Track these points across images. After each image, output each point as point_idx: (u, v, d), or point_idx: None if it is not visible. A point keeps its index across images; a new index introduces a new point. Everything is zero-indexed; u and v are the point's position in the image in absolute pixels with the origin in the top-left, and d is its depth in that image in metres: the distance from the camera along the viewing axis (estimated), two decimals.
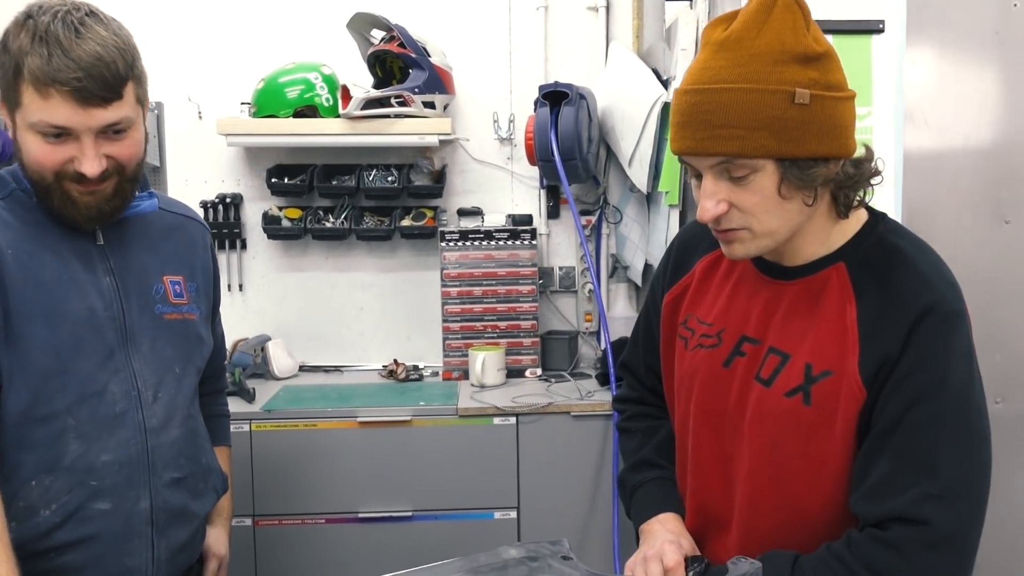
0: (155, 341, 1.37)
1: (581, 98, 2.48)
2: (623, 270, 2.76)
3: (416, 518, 2.23)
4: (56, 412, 1.25)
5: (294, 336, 2.76)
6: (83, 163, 1.22)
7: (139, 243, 1.41)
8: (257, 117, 2.55)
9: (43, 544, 1.24)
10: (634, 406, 1.50)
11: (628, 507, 1.44)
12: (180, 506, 1.39)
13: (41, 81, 1.17)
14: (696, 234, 1.33)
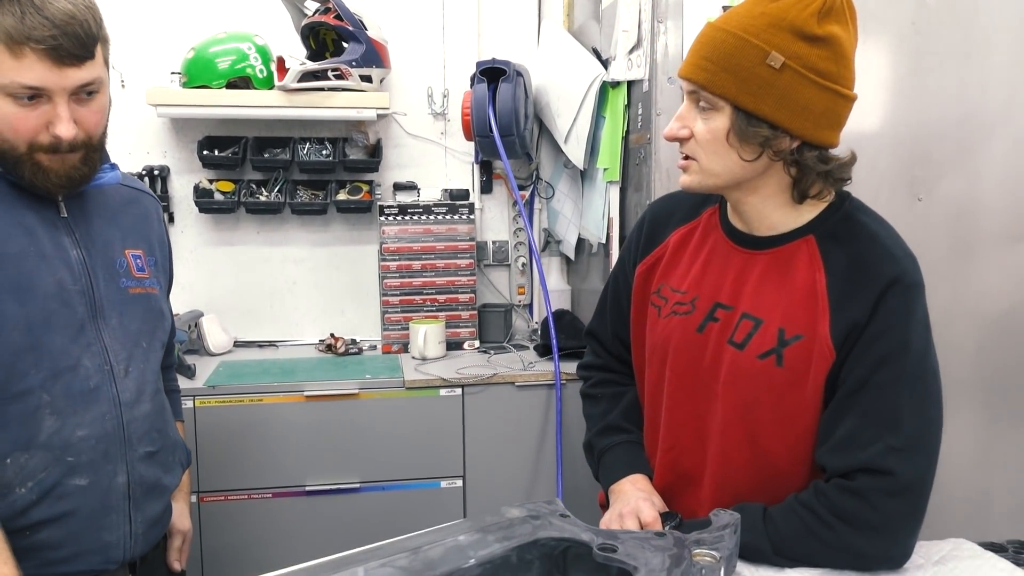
0: (123, 315, 1.36)
1: (518, 75, 2.52)
2: (555, 244, 2.84)
3: (363, 489, 2.25)
4: (30, 388, 1.23)
5: (226, 311, 2.72)
6: (58, 125, 1.20)
7: (100, 216, 1.39)
8: (188, 87, 2.49)
9: (19, 522, 1.23)
10: (599, 372, 1.57)
11: (596, 470, 1.52)
12: (154, 480, 1.39)
13: (15, 40, 1.14)
14: (667, 209, 1.41)
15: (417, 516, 2.27)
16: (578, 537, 1.07)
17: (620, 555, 1.02)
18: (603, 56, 2.35)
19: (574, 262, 2.82)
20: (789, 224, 1.22)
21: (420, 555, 0.99)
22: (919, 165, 2.10)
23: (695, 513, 1.32)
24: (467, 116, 2.56)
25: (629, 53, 2.17)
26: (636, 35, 2.13)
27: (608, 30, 2.38)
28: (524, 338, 2.79)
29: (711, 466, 1.29)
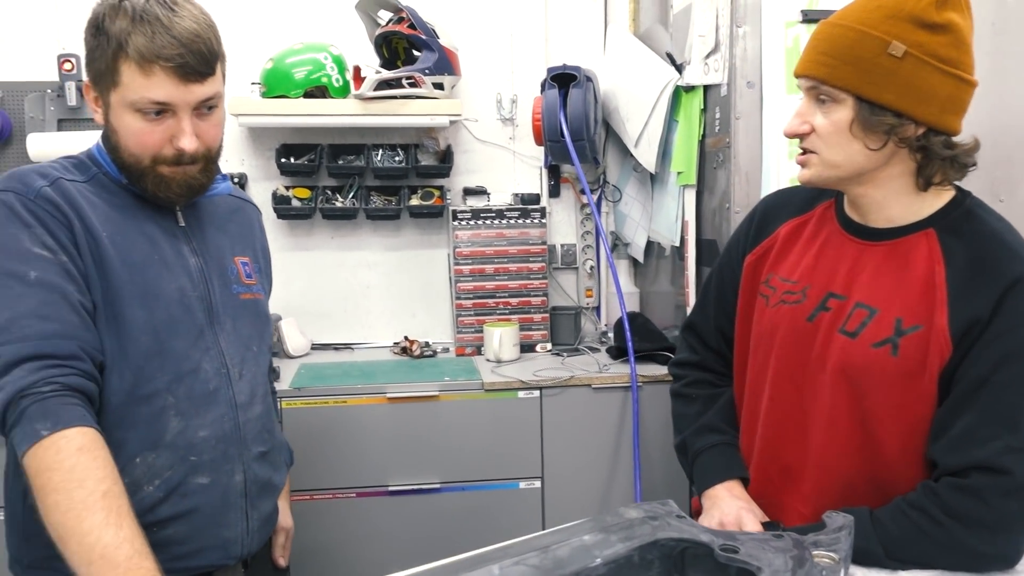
0: (235, 320, 1.42)
1: (588, 80, 2.55)
2: (623, 247, 2.86)
3: (444, 490, 2.30)
4: (157, 390, 1.29)
5: (302, 315, 2.78)
6: (181, 139, 1.27)
7: (212, 225, 1.45)
8: (267, 97, 2.55)
9: (148, 518, 1.28)
10: (694, 371, 1.59)
11: (689, 471, 1.53)
12: (266, 479, 1.44)
13: (146, 58, 1.20)
14: (779, 202, 1.44)
15: (496, 516, 2.31)
16: (697, 538, 1.09)
17: (742, 556, 1.05)
18: (676, 60, 2.37)
19: (642, 265, 2.84)
20: (909, 217, 1.24)
21: (549, 554, 1.03)
22: (1000, 167, 2.09)
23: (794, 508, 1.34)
24: (538, 121, 2.59)
25: (705, 58, 2.19)
26: (713, 40, 2.14)
27: (680, 35, 2.39)
28: (594, 340, 2.81)
29: (814, 458, 1.30)
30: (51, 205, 1.22)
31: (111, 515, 1.10)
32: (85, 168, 1.33)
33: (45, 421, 1.12)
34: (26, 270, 1.18)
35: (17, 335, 1.15)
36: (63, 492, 1.10)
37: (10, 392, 1.13)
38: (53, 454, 1.11)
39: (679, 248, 2.41)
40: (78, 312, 1.21)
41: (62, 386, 1.15)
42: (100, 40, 1.24)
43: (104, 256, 1.25)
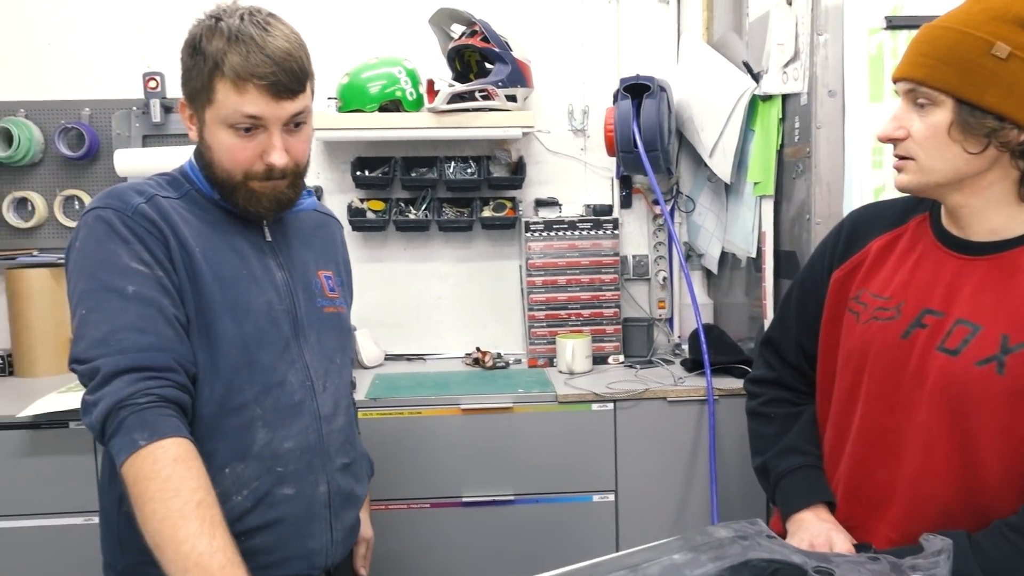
0: (320, 333, 1.44)
1: (661, 90, 2.53)
2: (696, 258, 2.83)
3: (517, 502, 2.29)
4: (245, 402, 1.32)
5: (376, 325, 2.82)
6: (272, 154, 1.29)
7: (297, 239, 1.48)
8: (343, 112, 2.60)
9: (236, 528, 1.30)
10: (771, 389, 1.55)
11: (772, 495, 1.49)
12: (349, 490, 1.46)
13: (241, 76, 1.24)
14: (869, 216, 1.40)
15: (570, 529, 2.30)
16: (789, 559, 1.07)
17: None
18: (753, 69, 2.34)
19: (716, 276, 2.80)
20: (1013, 229, 1.20)
21: (639, 572, 1.01)
22: None
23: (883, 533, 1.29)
24: (610, 132, 2.58)
25: (784, 66, 2.15)
26: (792, 48, 2.11)
27: (757, 43, 2.36)
28: (667, 352, 2.78)
29: (906, 479, 1.26)
30: (148, 221, 1.26)
31: (205, 524, 1.12)
32: (178, 185, 1.37)
33: (143, 432, 1.15)
34: (124, 284, 1.22)
35: (116, 348, 1.19)
36: (159, 501, 1.12)
37: (109, 403, 1.16)
38: (150, 464, 1.14)
39: (755, 259, 2.37)
40: (173, 325, 1.24)
41: (158, 397, 1.18)
42: (196, 60, 1.27)
43: (197, 271, 1.29)
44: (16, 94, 2.72)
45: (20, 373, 2.64)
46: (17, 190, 2.71)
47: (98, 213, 1.26)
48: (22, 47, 2.72)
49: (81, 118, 2.71)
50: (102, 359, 1.18)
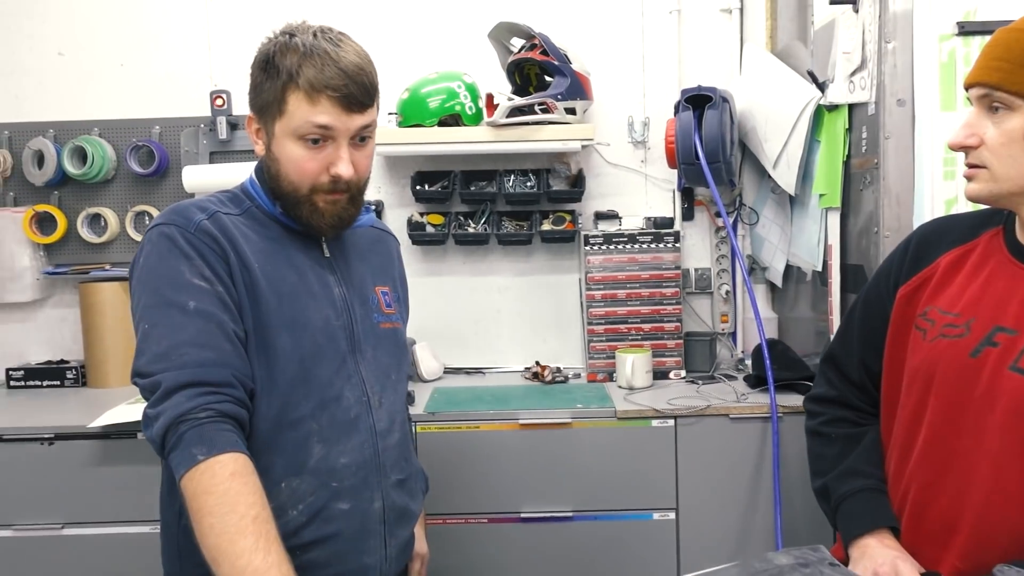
0: (376, 349, 1.44)
1: (724, 101, 2.49)
2: (760, 271, 2.77)
3: (576, 518, 2.27)
4: (302, 417, 1.33)
5: (435, 339, 2.82)
6: (339, 164, 1.32)
7: (355, 255, 1.49)
8: (403, 127, 2.62)
9: (292, 542, 1.31)
10: (833, 408, 1.50)
11: (832, 519, 1.44)
12: (403, 506, 1.46)
13: (315, 88, 1.27)
14: (938, 230, 1.35)
15: (630, 547, 2.26)
16: None
17: None
18: (818, 78, 2.28)
19: (781, 290, 2.74)
20: None
21: None
22: None
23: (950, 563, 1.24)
24: (671, 144, 2.55)
25: (851, 75, 2.10)
26: (859, 56, 2.05)
27: (822, 51, 2.30)
28: (730, 368, 2.73)
29: (975, 506, 1.20)
30: (209, 238, 1.28)
31: (260, 539, 1.13)
32: (239, 201, 1.39)
33: (201, 446, 1.17)
34: (186, 300, 1.24)
35: (177, 363, 1.21)
36: (217, 515, 1.14)
37: (169, 417, 1.18)
38: (208, 478, 1.16)
39: (821, 273, 2.31)
40: (232, 341, 1.26)
41: (216, 412, 1.20)
42: (270, 73, 1.30)
43: (256, 286, 1.30)
44: (91, 113, 2.82)
45: (93, 384, 2.72)
46: (91, 206, 2.80)
47: (161, 230, 1.28)
48: (97, 68, 2.82)
49: (152, 136, 2.79)
50: (163, 374, 1.20)
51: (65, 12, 2.81)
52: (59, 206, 2.80)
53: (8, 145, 2.81)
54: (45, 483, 2.25)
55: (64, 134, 2.79)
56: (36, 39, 2.82)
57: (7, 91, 2.83)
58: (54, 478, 2.25)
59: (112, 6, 2.80)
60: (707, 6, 2.80)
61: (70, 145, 2.73)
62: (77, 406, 2.46)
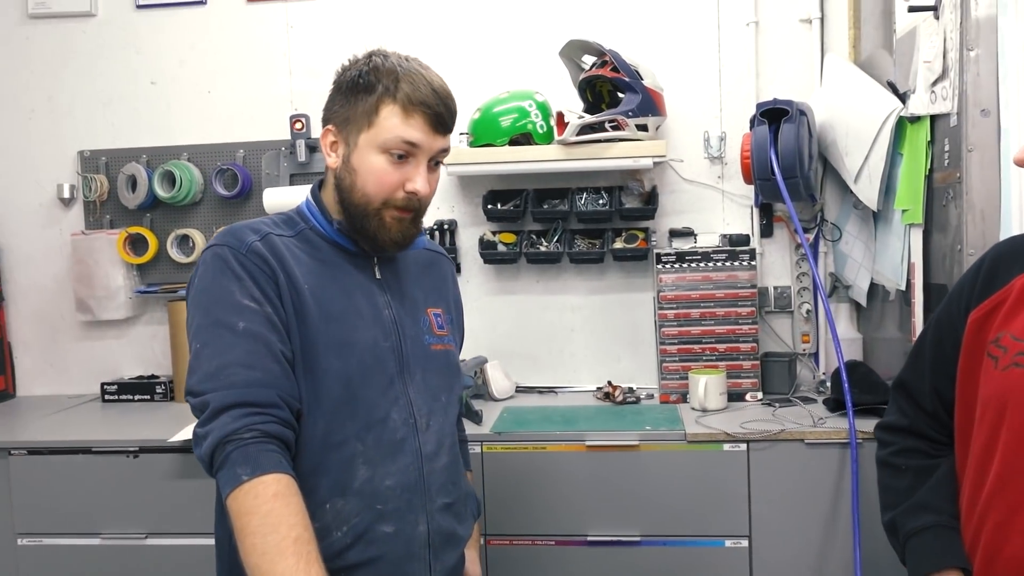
0: (425, 371, 1.44)
1: (801, 114, 2.41)
2: (844, 289, 2.66)
3: (644, 543, 2.22)
4: (346, 438, 1.33)
5: (508, 357, 2.82)
6: (416, 181, 1.35)
7: (407, 277, 1.50)
8: (474, 146, 2.63)
9: (337, 563, 1.32)
10: (904, 438, 1.43)
11: (901, 555, 1.38)
12: (450, 530, 1.45)
13: (412, 102, 1.32)
14: (1012, 250, 1.27)
15: (701, 575, 2.20)
16: None
17: None
18: (899, 89, 2.18)
19: (866, 309, 2.63)
20: None
21: None
22: None
23: None
24: (747, 159, 2.48)
25: (932, 85, 2.00)
26: (940, 65, 1.95)
27: (904, 60, 2.21)
28: (810, 390, 2.63)
29: None
30: (260, 259, 1.31)
31: (301, 560, 1.15)
32: (293, 224, 1.42)
33: (246, 466, 1.19)
34: (236, 320, 1.27)
35: (225, 382, 1.24)
36: (259, 536, 1.16)
37: (217, 437, 1.21)
38: (252, 499, 1.18)
39: (905, 292, 2.20)
40: (279, 361, 1.28)
41: (261, 433, 1.22)
42: (362, 86, 1.34)
43: (304, 307, 1.32)
44: (180, 139, 2.94)
45: (180, 399, 2.82)
46: (179, 228, 2.91)
47: (215, 251, 1.32)
48: (186, 96, 2.94)
49: (236, 159, 2.89)
50: (211, 393, 1.23)
51: (157, 44, 2.95)
52: (151, 228, 2.93)
53: (105, 171, 2.96)
54: (130, 494, 2.35)
55: (156, 159, 2.92)
56: (131, 70, 2.96)
57: (105, 120, 2.98)
58: (139, 489, 2.34)
59: (201, 37, 2.92)
60: (785, 17, 2.73)
61: (160, 170, 2.86)
62: (163, 420, 2.55)
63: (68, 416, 2.70)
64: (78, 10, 2.95)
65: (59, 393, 3.02)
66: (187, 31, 2.93)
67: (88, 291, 2.92)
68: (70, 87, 2.99)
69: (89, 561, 2.37)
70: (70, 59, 2.98)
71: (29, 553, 2.39)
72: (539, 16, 2.80)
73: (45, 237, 3.02)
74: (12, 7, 2.99)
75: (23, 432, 2.53)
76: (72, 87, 2.99)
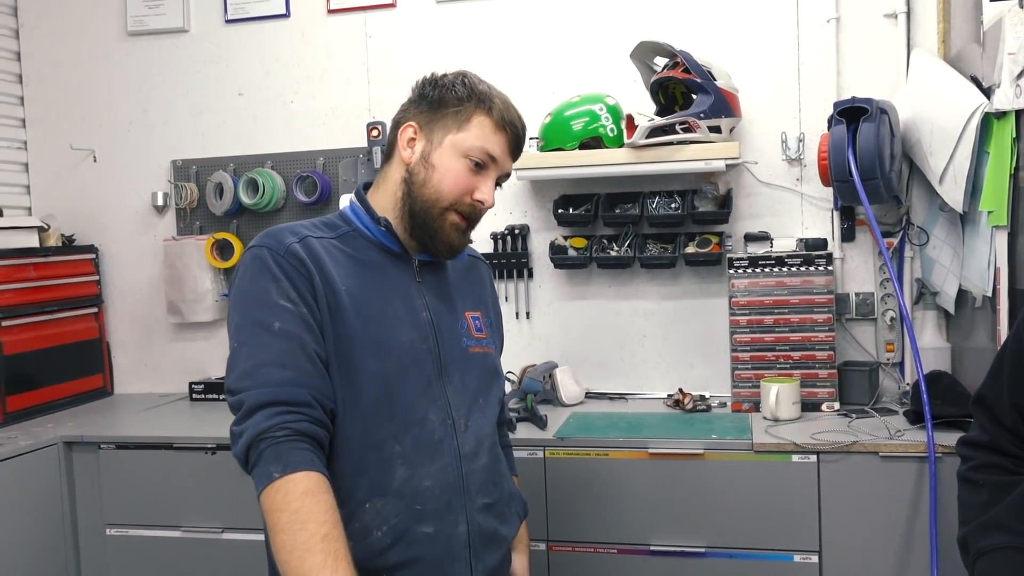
0: (464, 373, 1.45)
1: (882, 112, 2.30)
2: (931, 296, 2.52)
3: (709, 555, 2.16)
4: (384, 439, 1.35)
5: (578, 363, 2.80)
6: (484, 190, 1.42)
7: (446, 281, 1.52)
8: (544, 151, 2.63)
9: (377, 563, 1.34)
10: (984, 454, 1.36)
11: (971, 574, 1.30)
12: (491, 530, 1.44)
13: (505, 120, 1.42)
14: None
15: None
16: None
17: None
18: (985, 84, 2.06)
19: (955, 317, 2.49)
20: None
21: None
22: None
23: None
24: (824, 160, 2.39)
25: (1017, 78, 1.88)
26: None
27: (991, 53, 2.09)
28: (893, 401, 2.51)
29: None
30: (296, 260, 1.34)
31: (328, 558, 1.16)
32: (334, 227, 1.45)
33: (277, 464, 1.22)
34: (272, 320, 1.30)
35: (259, 381, 1.27)
36: (288, 533, 1.18)
37: (251, 435, 1.24)
38: (282, 496, 1.20)
39: (992, 299, 2.08)
40: (313, 361, 1.30)
41: (293, 431, 1.25)
42: (458, 92, 1.42)
43: (340, 308, 1.35)
44: (265, 148, 3.05)
45: None
46: None
47: (255, 252, 1.36)
48: (270, 106, 3.05)
49: (315, 167, 2.98)
50: (246, 392, 1.27)
51: (244, 56, 3.06)
52: (236, 234, 3.05)
53: (195, 179, 3.10)
54: (208, 489, 2.44)
55: (241, 167, 3.04)
56: (220, 82, 3.09)
57: (196, 130, 3.12)
58: (216, 485, 2.43)
59: (284, 48, 3.02)
60: (869, 12, 2.61)
61: (244, 177, 2.97)
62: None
63: (157, 413, 2.84)
64: (172, 27, 3.10)
65: (152, 391, 3.17)
66: (271, 43, 3.04)
67: (178, 294, 3.06)
68: (164, 99, 3.14)
69: (171, 553, 2.48)
70: (165, 73, 3.14)
71: (117, 543, 2.52)
72: (611, 18, 2.77)
73: (141, 242, 3.18)
74: (113, 26, 3.16)
75: (114, 428, 2.67)
76: (166, 99, 3.14)
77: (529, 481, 2.22)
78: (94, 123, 3.21)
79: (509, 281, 2.86)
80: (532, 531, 2.22)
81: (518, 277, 2.86)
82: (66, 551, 2.56)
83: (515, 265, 2.85)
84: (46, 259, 2.97)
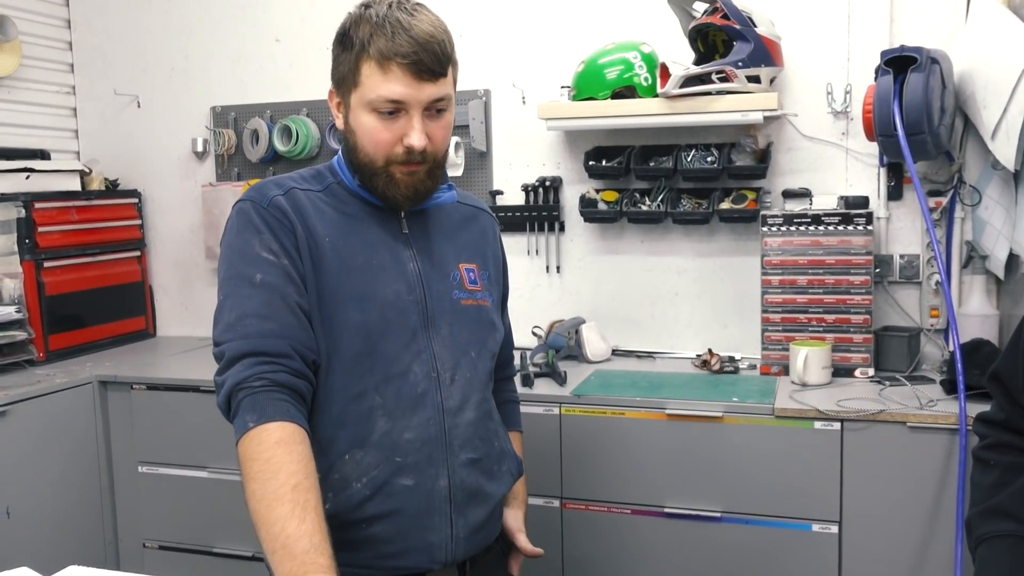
0: (452, 325, 1.42)
1: (933, 62, 2.16)
2: (980, 260, 2.38)
3: (725, 519, 2.11)
4: (365, 390, 1.34)
5: (608, 319, 2.75)
6: (411, 135, 1.32)
7: (438, 232, 1.47)
8: (576, 100, 2.55)
9: (356, 514, 1.33)
10: (999, 432, 1.28)
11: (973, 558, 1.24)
12: (476, 486, 1.42)
13: (385, 56, 1.27)
14: None
15: (784, 558, 2.08)
16: None
17: None
18: None
19: (1005, 283, 2.35)
20: None
21: None
22: None
23: None
24: (869, 113, 2.26)
25: None
26: None
27: None
28: (933, 369, 2.39)
29: None
30: (279, 212, 1.33)
31: (297, 507, 1.16)
32: (322, 178, 1.42)
33: (252, 413, 1.22)
34: (254, 273, 1.29)
35: (241, 332, 1.26)
36: (259, 481, 1.18)
37: (230, 385, 1.24)
38: (255, 445, 1.20)
39: None
40: (295, 313, 1.29)
41: (270, 382, 1.24)
42: (345, 45, 1.33)
43: (323, 260, 1.33)
44: (300, 95, 3.04)
45: None
46: None
47: (240, 206, 1.35)
48: (307, 52, 3.03)
49: None
50: (228, 343, 1.26)
51: (282, 2, 3.04)
52: None
53: (234, 125, 3.11)
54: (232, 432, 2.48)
55: (278, 114, 3.04)
56: (258, 28, 3.08)
57: (234, 76, 3.12)
58: None
59: None
60: None
61: (279, 124, 2.97)
62: None
63: (192, 356, 2.89)
64: None
65: (191, 335, 3.23)
66: None
67: (216, 240, 3.07)
68: (204, 45, 3.15)
69: (199, 491, 2.55)
70: (205, 19, 3.14)
71: (148, 480, 2.60)
72: None
73: (182, 188, 3.22)
74: None
75: (149, 369, 2.73)
76: (206, 45, 3.14)
77: (544, 437, 2.20)
78: (137, 69, 3.24)
79: (540, 234, 2.80)
80: (546, 488, 2.22)
81: (549, 230, 2.80)
82: (101, 486, 2.64)
83: (546, 218, 2.79)
84: (89, 202, 3.03)
